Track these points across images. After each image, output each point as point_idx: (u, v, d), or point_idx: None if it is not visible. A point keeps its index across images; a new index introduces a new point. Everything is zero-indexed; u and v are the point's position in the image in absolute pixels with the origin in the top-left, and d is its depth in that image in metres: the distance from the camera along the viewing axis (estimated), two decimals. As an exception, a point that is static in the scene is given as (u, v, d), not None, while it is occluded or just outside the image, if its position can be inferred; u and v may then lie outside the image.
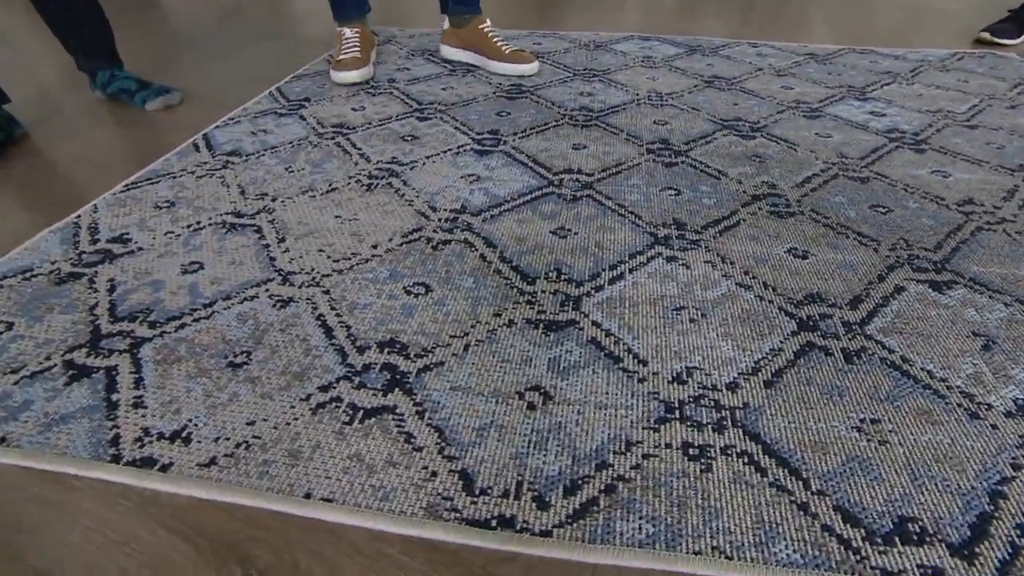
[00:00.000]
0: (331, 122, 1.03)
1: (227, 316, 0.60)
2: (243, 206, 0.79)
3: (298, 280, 0.65)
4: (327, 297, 0.63)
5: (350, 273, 0.66)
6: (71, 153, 0.96)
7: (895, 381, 0.53)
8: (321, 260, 0.69)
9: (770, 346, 0.56)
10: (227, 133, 1.00)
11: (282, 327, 0.59)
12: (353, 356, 0.56)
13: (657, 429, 0.48)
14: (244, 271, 0.67)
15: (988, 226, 0.75)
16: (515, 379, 0.53)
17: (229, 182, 0.85)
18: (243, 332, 0.58)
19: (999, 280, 0.65)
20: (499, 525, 0.41)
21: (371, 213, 0.77)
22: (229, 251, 0.70)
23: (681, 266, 0.67)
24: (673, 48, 1.41)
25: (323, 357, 0.56)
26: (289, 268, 0.67)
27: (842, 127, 1.01)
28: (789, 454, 0.46)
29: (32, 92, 1.22)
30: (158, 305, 0.62)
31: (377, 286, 0.64)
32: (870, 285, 0.65)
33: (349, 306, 0.62)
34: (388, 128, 1.00)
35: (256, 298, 0.63)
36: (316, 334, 0.58)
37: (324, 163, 0.89)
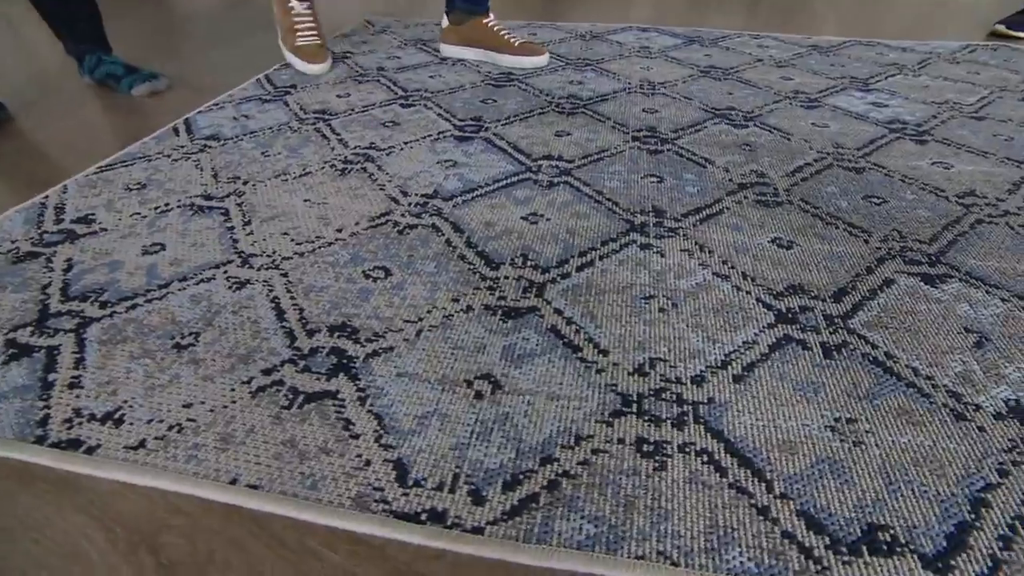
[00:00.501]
0: (314, 108, 1.00)
1: (180, 297, 0.58)
2: (214, 189, 0.77)
3: (258, 263, 0.63)
4: (284, 280, 0.60)
5: (311, 256, 0.64)
6: (53, 136, 0.96)
7: (876, 378, 0.49)
8: (284, 243, 0.66)
9: (743, 338, 0.52)
10: (209, 118, 0.98)
11: (234, 309, 0.57)
12: (302, 339, 0.53)
13: (611, 423, 0.44)
14: (205, 253, 0.65)
15: (989, 219, 0.70)
16: (465, 367, 0.49)
17: (204, 165, 0.83)
18: (194, 314, 0.56)
19: (997, 274, 0.61)
20: (429, 519, 0.38)
21: (341, 197, 0.75)
22: (193, 233, 0.68)
23: (656, 254, 0.63)
24: (672, 39, 1.36)
25: (271, 340, 0.53)
26: (250, 250, 0.65)
27: (840, 117, 0.96)
28: (753, 454, 0.42)
29: (20, 76, 1.22)
30: (112, 285, 0.60)
31: (336, 269, 0.62)
32: (857, 277, 0.60)
33: (305, 289, 0.59)
34: (370, 114, 0.98)
35: (213, 280, 0.61)
36: (268, 316, 0.56)
37: (301, 148, 0.87)
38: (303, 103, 1.03)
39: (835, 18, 1.59)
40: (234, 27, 1.54)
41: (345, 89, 1.08)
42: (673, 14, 1.62)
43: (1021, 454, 0.42)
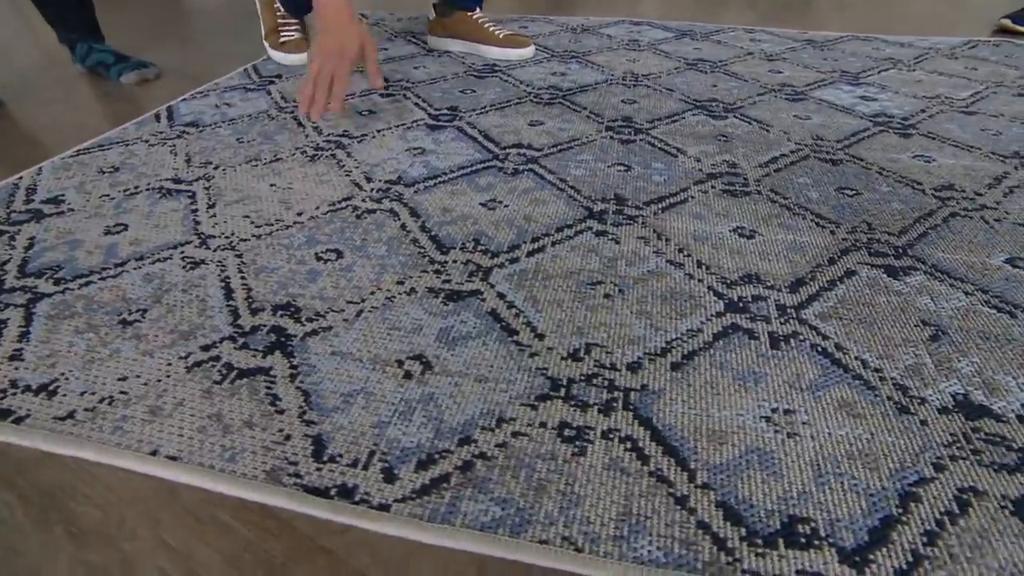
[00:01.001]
0: (294, 97, 1.01)
1: (134, 276, 0.58)
2: (185, 173, 0.78)
3: (215, 243, 0.63)
4: (238, 260, 0.60)
5: (268, 239, 0.64)
6: (42, 121, 0.97)
7: (822, 370, 0.47)
8: (244, 225, 0.66)
9: (688, 326, 0.51)
10: (192, 105, 0.99)
11: (185, 287, 0.57)
12: (245, 317, 0.53)
13: (535, 407, 0.43)
14: (166, 234, 0.65)
15: (965, 212, 0.67)
16: (399, 347, 0.49)
17: (179, 151, 0.84)
18: (145, 291, 0.56)
19: (964, 268, 0.58)
20: (338, 495, 0.38)
21: (306, 182, 0.74)
22: (157, 215, 0.69)
23: (610, 241, 0.62)
24: (663, 32, 1.34)
25: (215, 318, 0.53)
26: (210, 232, 0.65)
27: (825, 110, 0.93)
28: (680, 442, 0.41)
29: (20, 63, 1.24)
30: (70, 263, 0.60)
31: (290, 251, 0.61)
32: (817, 268, 0.58)
33: (257, 269, 0.59)
34: (348, 103, 0.98)
35: (169, 259, 0.61)
36: (216, 295, 0.56)
37: (275, 135, 0.87)
38: (285, 92, 1.03)
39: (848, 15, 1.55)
40: (231, 18, 1.56)
41: (328, 78, 1.09)
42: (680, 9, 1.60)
43: (961, 449, 0.41)
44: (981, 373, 0.47)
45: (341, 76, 0.80)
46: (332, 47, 0.79)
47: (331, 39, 0.80)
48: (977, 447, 0.41)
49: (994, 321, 0.52)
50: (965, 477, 0.39)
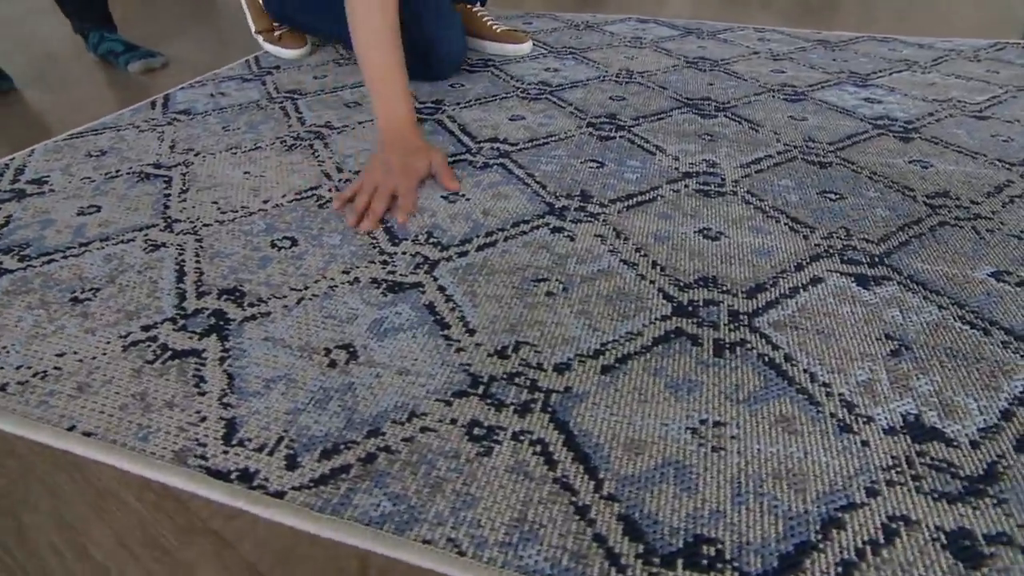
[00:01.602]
0: (287, 88, 1.02)
1: (96, 256, 0.60)
2: (166, 159, 0.79)
3: (179, 228, 0.64)
4: (197, 245, 0.61)
5: (230, 224, 0.64)
6: (49, 106, 1.01)
7: (765, 381, 0.44)
8: (210, 211, 0.67)
9: (628, 329, 0.49)
10: (189, 94, 1.01)
11: (141, 269, 0.58)
12: (191, 300, 0.53)
13: (450, 403, 0.42)
14: (135, 216, 0.66)
15: (955, 221, 0.62)
16: (330, 335, 0.48)
17: (166, 137, 0.86)
18: (102, 271, 0.57)
19: (943, 280, 0.54)
20: (238, 479, 0.37)
21: (279, 171, 0.75)
22: (132, 198, 0.70)
23: (566, 238, 0.60)
24: (669, 30, 1.30)
25: (163, 299, 0.53)
26: (177, 216, 0.66)
27: (823, 112, 0.89)
28: (594, 450, 0.39)
29: (34, 51, 1.29)
30: (38, 241, 0.62)
31: (248, 238, 0.62)
32: (781, 274, 0.55)
33: (213, 254, 0.59)
34: (337, 95, 0.98)
35: (132, 241, 0.62)
36: (169, 278, 0.56)
37: (261, 124, 0.88)
38: (279, 83, 1.04)
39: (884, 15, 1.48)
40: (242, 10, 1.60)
41: (324, 72, 1.09)
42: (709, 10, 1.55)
43: (900, 473, 0.37)
44: (940, 393, 0.43)
45: (407, 191, 0.65)
46: (395, 164, 0.67)
47: (395, 156, 0.68)
48: (919, 472, 0.37)
49: (964, 338, 0.48)
50: (899, 504, 0.36)
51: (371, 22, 0.72)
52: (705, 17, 1.43)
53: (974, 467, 0.38)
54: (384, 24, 0.72)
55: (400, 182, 0.66)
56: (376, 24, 0.72)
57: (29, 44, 1.36)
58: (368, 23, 0.72)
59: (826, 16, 1.48)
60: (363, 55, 0.74)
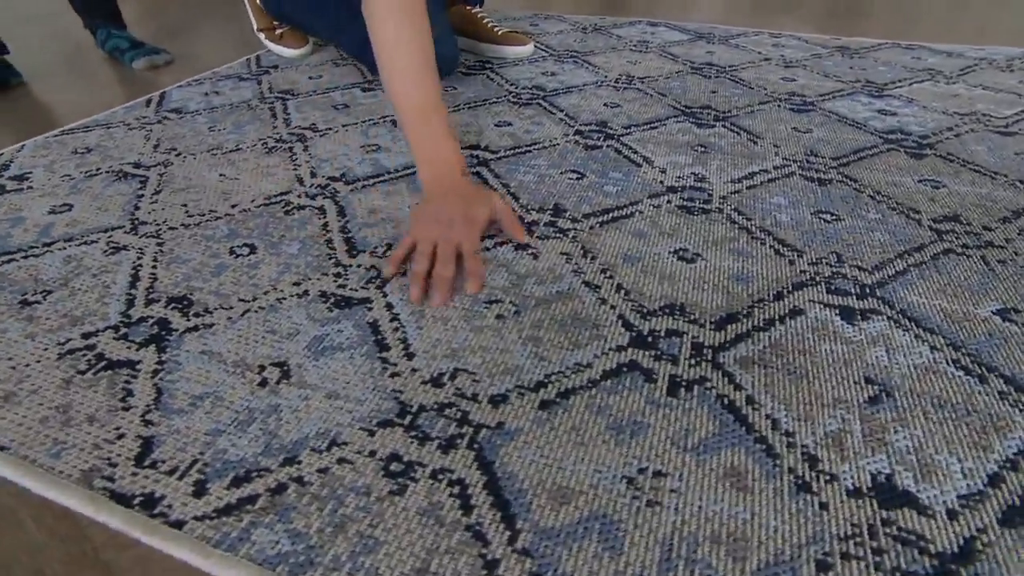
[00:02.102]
0: (280, 88, 1.01)
1: (56, 257, 0.59)
2: (147, 158, 0.79)
3: (144, 230, 0.63)
4: (158, 249, 0.60)
5: (195, 228, 0.63)
6: (52, 101, 1.02)
7: (720, 427, 0.40)
8: (178, 214, 0.66)
9: (578, 359, 0.45)
10: (184, 92, 1.01)
11: (96, 272, 0.57)
12: (138, 308, 0.52)
13: (373, 433, 0.39)
14: (104, 217, 0.66)
15: (962, 249, 0.57)
16: (268, 352, 0.46)
17: (153, 136, 0.85)
18: (58, 273, 0.57)
19: (940, 316, 0.49)
20: (140, 505, 0.35)
21: (254, 174, 0.74)
22: (105, 198, 0.70)
23: (528, 255, 0.56)
24: (679, 34, 1.25)
25: (111, 305, 0.52)
26: (144, 218, 0.65)
27: (831, 123, 0.83)
28: (516, 495, 0.35)
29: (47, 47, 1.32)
30: (3, 240, 0.62)
31: (208, 243, 0.60)
32: (758, 303, 0.51)
33: (171, 260, 0.58)
34: (328, 96, 0.97)
35: (95, 243, 0.61)
36: (122, 283, 0.55)
37: (247, 125, 0.88)
38: (273, 83, 1.04)
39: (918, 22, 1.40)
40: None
41: (320, 72, 1.08)
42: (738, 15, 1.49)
43: (859, 545, 0.33)
44: (919, 450, 0.38)
45: (473, 248, 0.53)
46: (454, 215, 0.55)
47: (449, 205, 0.56)
48: (881, 545, 0.33)
49: (956, 385, 0.43)
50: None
51: (400, 48, 0.61)
52: (735, 22, 1.37)
53: (948, 542, 0.33)
54: (417, 48, 0.61)
55: (463, 237, 0.54)
56: (407, 51, 0.61)
57: (47, 40, 1.39)
58: (397, 49, 0.61)
59: (855, 22, 1.40)
60: (395, 89, 0.62)
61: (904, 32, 1.28)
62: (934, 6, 1.52)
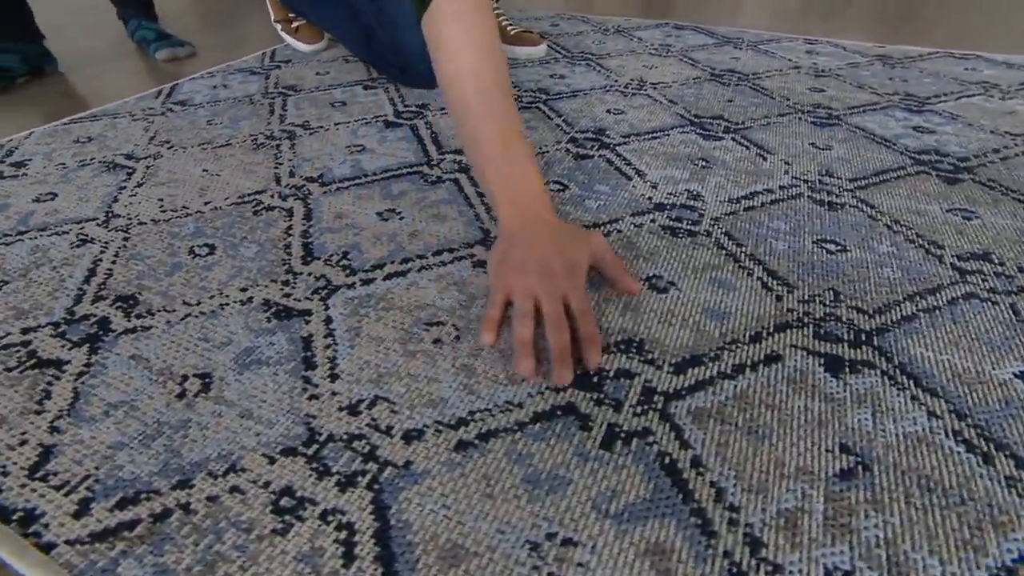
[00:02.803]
0: (285, 84, 1.01)
1: (24, 247, 0.59)
2: (140, 150, 0.79)
3: (115, 223, 0.63)
4: (123, 244, 0.59)
5: (163, 224, 0.62)
6: (82, 88, 1.06)
7: (653, 492, 0.35)
8: (152, 208, 0.65)
9: (510, 396, 0.41)
10: (195, 85, 1.02)
11: (57, 265, 0.56)
12: (85, 304, 0.51)
13: (273, 460, 0.36)
14: (84, 208, 0.66)
15: (988, 294, 0.49)
16: (195, 361, 0.44)
17: (152, 128, 0.86)
18: (21, 263, 0.56)
19: (945, 375, 0.42)
20: (17, 522, 0.34)
21: (235, 171, 0.73)
22: (90, 188, 0.70)
23: (485, 274, 0.52)
24: (705, 38, 1.18)
25: (60, 300, 0.52)
26: (119, 211, 0.65)
27: (855, 140, 0.75)
28: (404, 550, 0.31)
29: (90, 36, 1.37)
30: None
31: (172, 240, 0.59)
32: (730, 344, 0.45)
33: (131, 256, 0.57)
34: (329, 93, 0.95)
35: (66, 234, 0.61)
36: (78, 276, 0.55)
37: (242, 120, 0.87)
38: (281, 78, 1.03)
39: (989, 29, 1.27)
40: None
41: (328, 68, 1.07)
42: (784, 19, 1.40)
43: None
44: (893, 543, 0.32)
45: (581, 305, 0.43)
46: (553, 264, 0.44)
47: (543, 250, 0.45)
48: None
49: (954, 464, 0.36)
50: None
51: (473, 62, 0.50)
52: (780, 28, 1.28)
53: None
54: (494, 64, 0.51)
55: (569, 291, 0.43)
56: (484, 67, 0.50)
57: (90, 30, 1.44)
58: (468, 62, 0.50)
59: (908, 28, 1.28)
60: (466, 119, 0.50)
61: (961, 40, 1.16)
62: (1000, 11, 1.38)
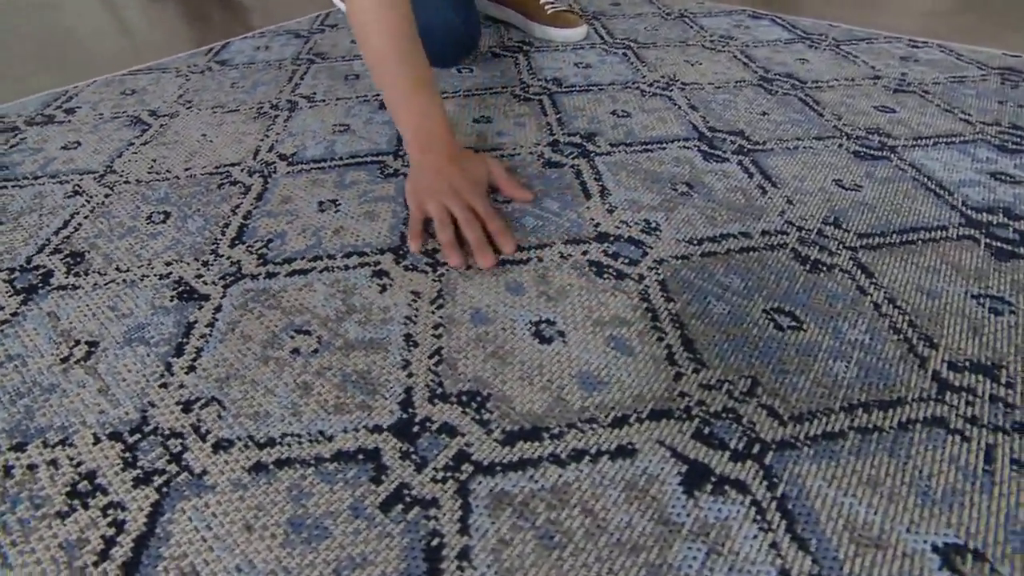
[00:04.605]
0: (318, 51, 1.02)
1: (31, 191, 0.64)
2: (164, 108, 0.85)
3: (108, 179, 0.68)
4: (102, 201, 0.64)
5: (143, 186, 0.66)
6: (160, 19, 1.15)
7: (404, 573, 0.32)
8: (142, 169, 0.70)
9: (326, 427, 0.38)
10: (242, 44, 1.07)
11: (45, 212, 0.61)
12: (43, 255, 0.55)
13: (98, 442, 0.37)
14: (93, 160, 0.71)
15: (963, 424, 0.37)
16: (94, 328, 0.46)
17: (185, 86, 0.92)
18: (20, 207, 0.62)
19: (834, 525, 0.31)
20: None
21: (227, 140, 0.75)
22: (108, 141, 0.76)
23: (377, 285, 0.50)
24: (780, 31, 1.00)
25: (29, 247, 0.57)
26: (116, 168, 0.70)
27: (900, 181, 0.60)
28: (151, 562, 0.31)
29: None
30: (13, 167, 0.70)
31: (139, 204, 0.63)
32: (586, 423, 0.38)
33: (101, 213, 0.61)
34: (349, 65, 0.95)
35: (67, 183, 0.68)
36: (54, 225, 0.59)
37: (261, 86, 0.90)
38: (317, 45, 1.05)
39: None
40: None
41: (364, 37, 1.07)
42: (945, 25, 1.17)
43: None
44: None
45: (488, 207, 0.54)
46: (455, 177, 0.55)
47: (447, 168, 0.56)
48: None
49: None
50: None
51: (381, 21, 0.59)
52: (938, 34, 1.07)
53: None
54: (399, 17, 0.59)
55: (472, 198, 0.53)
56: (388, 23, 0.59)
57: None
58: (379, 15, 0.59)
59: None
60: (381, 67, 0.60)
61: None
62: None
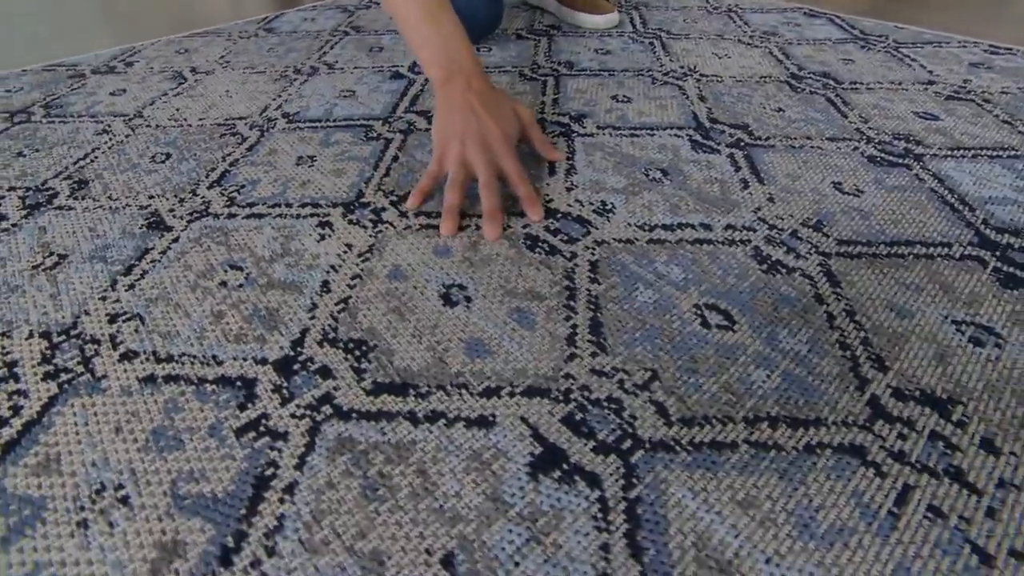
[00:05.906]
0: (358, 24, 1.05)
1: (71, 126, 0.71)
2: (205, 66, 0.91)
3: (135, 123, 0.74)
4: (123, 139, 0.70)
5: (160, 131, 0.71)
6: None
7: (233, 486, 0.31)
8: (165, 115, 0.75)
9: (212, 349, 0.39)
10: (293, 16, 1.13)
11: (74, 145, 0.67)
12: (58, 180, 0.61)
13: (9, 337, 0.41)
14: (129, 105, 0.76)
15: (883, 457, 0.31)
16: (68, 243, 0.50)
17: (230, 48, 0.98)
18: (59, 138, 0.69)
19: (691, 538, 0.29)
20: None
21: (244, 97, 0.79)
22: (148, 91, 0.83)
23: (316, 236, 0.50)
24: (833, 31, 0.90)
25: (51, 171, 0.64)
26: (146, 114, 0.76)
27: (913, 192, 0.51)
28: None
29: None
30: (68, 105, 0.78)
31: (151, 145, 0.67)
32: (450, 387, 0.37)
33: (118, 151, 0.67)
34: (378, 39, 0.97)
35: (101, 122, 0.74)
36: (75, 156, 0.65)
37: (291, 53, 0.94)
38: (358, 19, 1.09)
39: None
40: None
41: (403, 15, 1.09)
42: None
43: None
44: None
45: (515, 169, 0.48)
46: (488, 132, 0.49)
47: (478, 119, 0.49)
48: None
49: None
50: None
51: None
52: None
53: None
54: None
55: (503, 157, 0.47)
56: None
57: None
58: None
59: None
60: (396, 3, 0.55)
61: None
62: None
